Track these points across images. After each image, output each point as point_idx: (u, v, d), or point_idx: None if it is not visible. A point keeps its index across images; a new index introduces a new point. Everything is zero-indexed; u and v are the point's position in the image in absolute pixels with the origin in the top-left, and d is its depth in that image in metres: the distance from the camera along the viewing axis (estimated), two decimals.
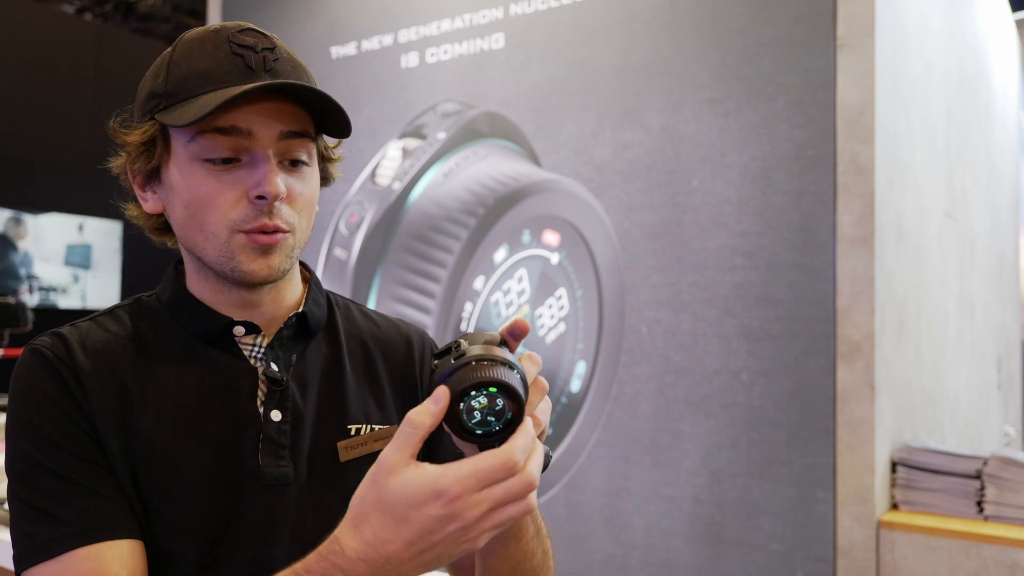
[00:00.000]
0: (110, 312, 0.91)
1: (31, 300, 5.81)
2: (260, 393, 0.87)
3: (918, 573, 1.98)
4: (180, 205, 0.84)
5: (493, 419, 0.65)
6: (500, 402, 0.65)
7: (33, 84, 5.71)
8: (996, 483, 2.01)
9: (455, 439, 0.70)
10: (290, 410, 0.87)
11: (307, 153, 0.86)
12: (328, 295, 1.00)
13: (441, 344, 0.77)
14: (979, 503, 2.03)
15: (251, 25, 0.86)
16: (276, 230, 0.83)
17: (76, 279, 6.11)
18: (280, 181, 0.82)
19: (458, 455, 0.69)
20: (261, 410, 0.87)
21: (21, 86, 5.63)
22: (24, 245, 5.82)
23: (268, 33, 0.86)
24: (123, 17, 6.94)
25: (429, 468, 0.64)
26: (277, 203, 0.83)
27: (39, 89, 5.73)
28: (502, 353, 0.67)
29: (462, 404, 0.65)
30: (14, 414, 0.81)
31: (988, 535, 1.93)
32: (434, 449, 0.90)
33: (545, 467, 0.71)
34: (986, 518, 2.01)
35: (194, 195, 0.83)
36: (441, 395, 0.65)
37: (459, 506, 0.63)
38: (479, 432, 0.66)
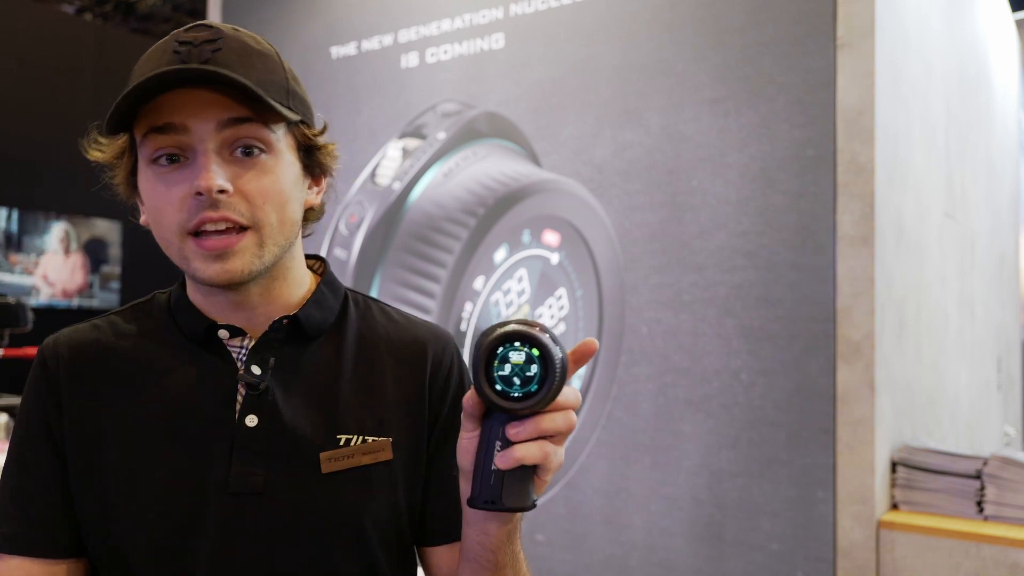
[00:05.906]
0: (124, 310, 0.92)
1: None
2: (239, 397, 0.84)
3: (918, 573, 1.98)
4: (148, 213, 0.83)
5: (518, 383, 0.60)
6: (534, 369, 0.59)
7: (33, 84, 5.70)
8: (996, 483, 2.00)
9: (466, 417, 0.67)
10: (267, 415, 0.83)
11: (262, 141, 0.79)
12: (347, 293, 0.94)
13: (467, 352, 0.75)
14: (979, 503, 2.03)
15: (206, 22, 0.82)
16: (224, 220, 0.77)
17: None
18: (218, 174, 0.76)
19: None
20: (237, 415, 0.83)
21: (21, 86, 5.63)
22: None
23: (223, 27, 0.81)
24: (123, 17, 6.94)
25: None
26: (225, 197, 0.77)
27: (39, 89, 5.73)
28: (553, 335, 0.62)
29: (500, 350, 0.59)
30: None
31: (988, 535, 1.93)
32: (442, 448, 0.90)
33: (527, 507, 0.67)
34: (986, 518, 2.01)
35: (150, 202, 0.81)
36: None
37: None
38: (498, 387, 0.60)
